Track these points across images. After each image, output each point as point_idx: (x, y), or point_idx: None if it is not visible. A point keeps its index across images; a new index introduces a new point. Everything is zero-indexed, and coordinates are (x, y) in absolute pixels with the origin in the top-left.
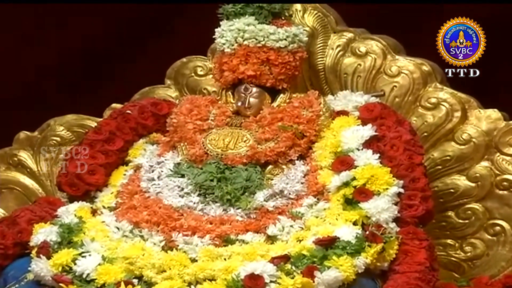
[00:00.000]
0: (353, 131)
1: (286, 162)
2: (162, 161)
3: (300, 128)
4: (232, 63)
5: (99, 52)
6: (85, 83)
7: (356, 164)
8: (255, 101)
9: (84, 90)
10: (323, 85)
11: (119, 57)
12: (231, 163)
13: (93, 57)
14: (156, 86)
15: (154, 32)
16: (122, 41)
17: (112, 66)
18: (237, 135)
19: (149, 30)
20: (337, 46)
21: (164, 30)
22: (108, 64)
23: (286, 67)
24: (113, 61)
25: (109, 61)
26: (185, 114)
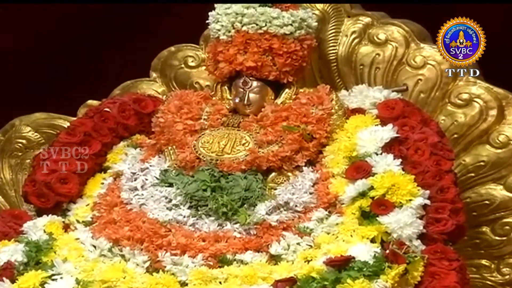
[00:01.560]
0: (370, 132)
1: (292, 169)
2: (146, 167)
3: (308, 128)
4: (229, 52)
5: (72, 40)
6: (56, 77)
7: (374, 171)
8: (256, 97)
9: (55, 85)
10: (336, 79)
11: (96, 47)
12: (228, 170)
13: (66, 46)
14: (139, 80)
15: (138, 17)
16: (100, 28)
17: (88, 57)
18: (234, 137)
19: (131, 14)
20: (352, 32)
21: (150, 14)
22: (83, 54)
23: (292, 57)
24: (89, 51)
25: (85, 51)
26: (173, 112)
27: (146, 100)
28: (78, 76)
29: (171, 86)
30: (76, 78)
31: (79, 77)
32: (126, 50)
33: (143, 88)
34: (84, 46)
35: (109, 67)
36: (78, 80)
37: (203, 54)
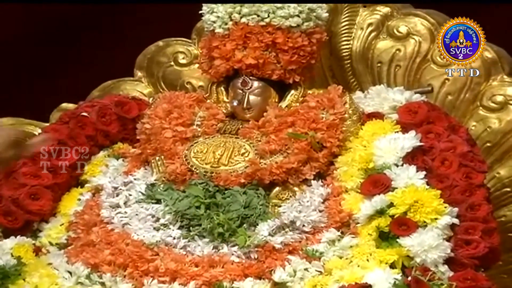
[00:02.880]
0: (389, 140)
1: (298, 183)
2: (130, 181)
3: (318, 136)
4: (226, 48)
5: (44, 38)
6: (26, 77)
7: (394, 186)
8: (257, 100)
9: (25, 86)
10: (349, 78)
11: (71, 43)
12: (224, 184)
13: (37, 44)
14: (122, 80)
15: (120, 8)
16: (76, 22)
17: (62, 55)
18: (232, 146)
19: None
20: (368, 24)
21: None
22: (56, 52)
23: (299, 54)
24: (63, 49)
25: (58, 48)
26: (161, 117)
27: (130, 103)
28: (50, 76)
29: (159, 87)
30: (49, 78)
31: (52, 77)
32: (106, 46)
33: (126, 89)
34: (58, 43)
35: (87, 65)
36: (51, 81)
37: (196, 49)
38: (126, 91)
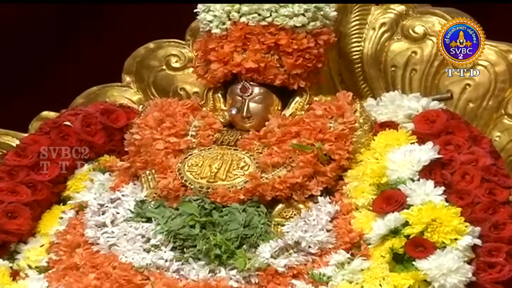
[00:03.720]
0: (404, 152)
1: (304, 200)
2: (117, 197)
3: (325, 148)
4: (223, 50)
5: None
6: (2, 80)
7: (410, 203)
8: (258, 108)
9: (1, 93)
10: (360, 84)
11: (53, 46)
12: (222, 201)
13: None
14: (108, 85)
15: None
16: (59, 20)
17: (43, 59)
18: (230, 158)
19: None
20: (381, 24)
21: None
22: (37, 55)
23: (304, 57)
24: (44, 52)
25: (39, 51)
26: (152, 127)
27: (117, 112)
28: (29, 81)
29: (149, 93)
30: (28, 83)
31: (32, 83)
32: (92, 49)
33: (114, 96)
34: (37, 45)
35: (70, 69)
36: (30, 86)
37: (190, 52)
38: (113, 98)
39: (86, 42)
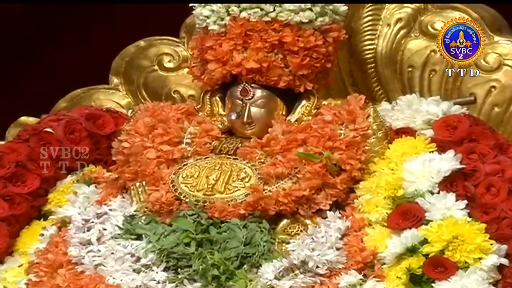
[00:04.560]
0: (423, 162)
1: (311, 215)
2: (104, 212)
3: (335, 157)
4: (222, 48)
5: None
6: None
7: (429, 218)
8: (260, 112)
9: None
10: (374, 86)
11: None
12: (220, 216)
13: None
14: (94, 88)
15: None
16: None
17: (22, 56)
18: (229, 169)
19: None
20: (397, 20)
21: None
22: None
23: (312, 56)
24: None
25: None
26: (143, 134)
27: (104, 117)
28: (7, 83)
29: (140, 97)
30: (5, 86)
31: (9, 85)
32: (75, 47)
33: (100, 99)
34: (16, 44)
35: (51, 70)
36: (7, 89)
37: (185, 51)
38: (99, 102)
39: (69, 41)
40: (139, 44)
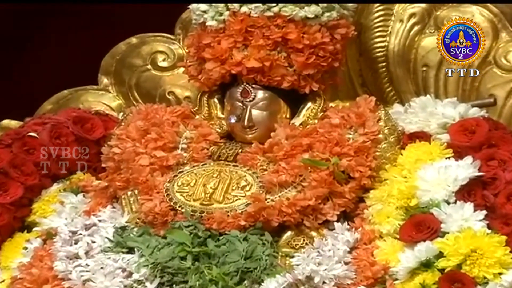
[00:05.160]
0: (438, 169)
1: (317, 226)
2: (93, 223)
3: (343, 163)
4: (221, 46)
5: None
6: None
7: (445, 230)
8: (262, 116)
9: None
10: (385, 87)
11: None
12: (219, 228)
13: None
14: (82, 89)
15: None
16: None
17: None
18: (229, 176)
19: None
20: (410, 15)
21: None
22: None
23: (318, 54)
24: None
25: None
26: (135, 138)
27: (93, 120)
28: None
29: (132, 98)
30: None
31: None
32: (62, 45)
33: (88, 101)
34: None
35: (36, 71)
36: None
37: (181, 48)
38: (87, 104)
39: (56, 39)
40: (130, 42)
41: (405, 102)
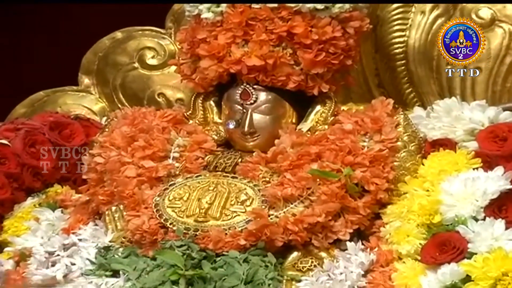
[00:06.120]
0: (465, 181)
1: (327, 246)
2: (72, 243)
3: (356, 175)
4: (218, 42)
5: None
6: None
7: (472, 250)
8: (264, 121)
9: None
10: (404, 87)
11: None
12: (215, 248)
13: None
14: (60, 90)
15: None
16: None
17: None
18: (226, 190)
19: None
20: (433, 7)
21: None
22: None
23: (328, 51)
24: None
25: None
26: (120, 146)
27: (72, 126)
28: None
29: (116, 101)
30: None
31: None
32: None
33: (67, 104)
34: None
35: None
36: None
37: (172, 44)
38: (66, 107)
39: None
40: (115, 36)
41: (427, 105)
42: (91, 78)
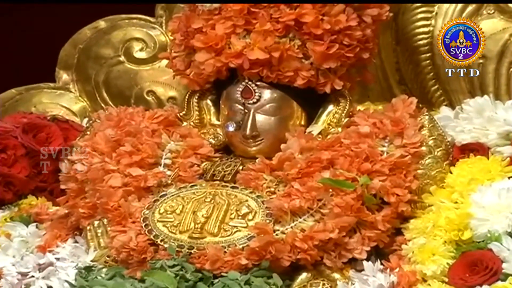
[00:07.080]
0: (499, 192)
1: (341, 266)
2: (49, 262)
3: (374, 185)
4: (215, 32)
5: None
6: None
7: (507, 271)
8: (269, 122)
9: None
10: (430, 85)
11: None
12: (213, 268)
13: None
14: (35, 87)
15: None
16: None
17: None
18: (225, 201)
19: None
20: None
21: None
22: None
23: (342, 43)
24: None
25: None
26: (104, 152)
27: (49, 128)
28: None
29: (99, 99)
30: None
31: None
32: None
33: (43, 103)
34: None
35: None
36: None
37: (164, 35)
38: (42, 107)
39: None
40: (98, 26)
41: (455, 104)
42: (70, 74)
